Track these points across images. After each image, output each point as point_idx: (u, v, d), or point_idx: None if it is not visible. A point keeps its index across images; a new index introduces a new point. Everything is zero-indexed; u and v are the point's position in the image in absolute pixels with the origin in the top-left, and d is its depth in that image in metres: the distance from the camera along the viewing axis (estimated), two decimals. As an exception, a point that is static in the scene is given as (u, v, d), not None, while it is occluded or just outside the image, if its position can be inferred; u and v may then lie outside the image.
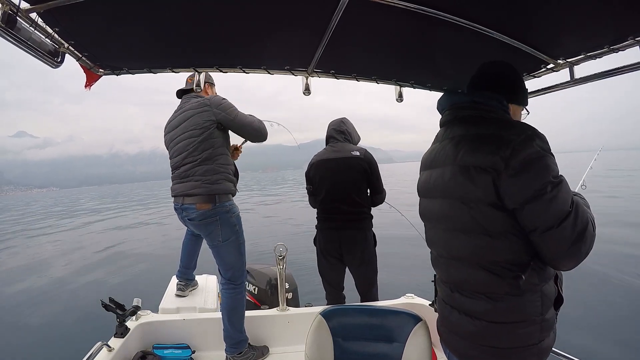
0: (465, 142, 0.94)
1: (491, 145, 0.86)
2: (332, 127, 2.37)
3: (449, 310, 1.01)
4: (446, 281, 1.02)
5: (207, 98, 1.89)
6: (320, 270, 2.37)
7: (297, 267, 4.74)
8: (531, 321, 0.88)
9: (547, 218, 0.81)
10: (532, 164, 0.81)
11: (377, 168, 2.26)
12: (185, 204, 1.84)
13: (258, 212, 14.35)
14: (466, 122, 0.98)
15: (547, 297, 0.90)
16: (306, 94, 1.59)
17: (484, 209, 0.87)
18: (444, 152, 1.00)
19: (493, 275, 0.88)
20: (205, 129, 1.83)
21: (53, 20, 0.96)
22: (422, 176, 1.11)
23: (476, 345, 0.94)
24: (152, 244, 9.40)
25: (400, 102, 1.80)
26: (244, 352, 1.91)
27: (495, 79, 1.02)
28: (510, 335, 0.89)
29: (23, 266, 7.95)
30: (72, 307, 4.85)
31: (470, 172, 0.89)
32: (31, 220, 20.28)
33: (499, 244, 0.87)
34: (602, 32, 1.13)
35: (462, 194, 0.91)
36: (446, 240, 1.00)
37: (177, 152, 1.89)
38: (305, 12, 1.08)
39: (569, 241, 0.81)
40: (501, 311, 0.89)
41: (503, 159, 0.83)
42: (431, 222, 1.07)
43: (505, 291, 0.88)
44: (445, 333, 1.05)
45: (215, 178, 1.82)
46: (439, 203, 1.00)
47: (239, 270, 1.92)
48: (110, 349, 1.68)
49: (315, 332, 1.27)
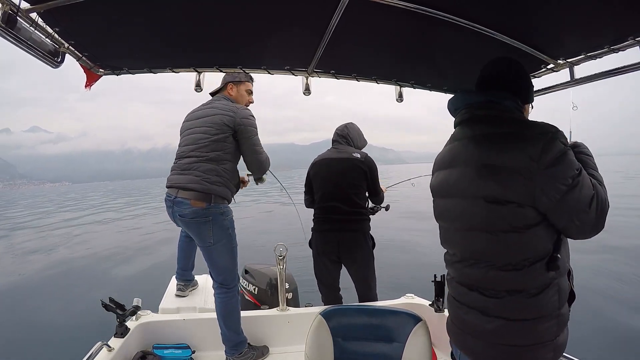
0: (488, 141, 0.94)
1: (518, 144, 0.88)
2: (336, 131, 2.42)
3: (465, 310, 0.99)
4: (463, 281, 1.01)
5: (238, 107, 1.87)
6: (316, 272, 2.34)
7: (297, 267, 4.74)
8: (549, 317, 0.89)
9: (580, 205, 0.86)
10: (561, 160, 0.85)
11: (376, 172, 2.29)
12: (178, 197, 1.79)
13: (259, 212, 14.36)
14: (485, 121, 0.98)
15: (563, 292, 0.91)
16: (306, 94, 1.60)
17: (511, 207, 0.88)
18: (465, 151, 0.99)
19: (518, 271, 0.89)
20: (221, 131, 1.80)
21: (53, 20, 0.96)
22: (439, 176, 1.08)
23: (494, 345, 0.93)
24: (152, 243, 9.40)
25: (401, 102, 1.81)
26: (244, 353, 1.90)
27: (511, 80, 1.01)
28: (529, 332, 0.90)
29: (23, 265, 7.95)
30: (72, 307, 4.85)
31: (496, 171, 0.90)
32: (33, 214, 20.30)
33: (526, 240, 0.89)
34: (602, 32, 1.13)
35: (487, 193, 0.91)
36: (466, 240, 0.99)
37: (187, 143, 1.87)
38: (305, 12, 1.08)
39: (594, 219, 0.87)
40: (522, 308, 0.89)
41: (533, 158, 0.85)
42: (448, 222, 1.06)
43: (528, 287, 0.89)
44: (458, 334, 1.03)
45: (215, 179, 1.80)
46: (459, 203, 0.99)
47: (230, 273, 1.88)
48: (110, 349, 1.68)
49: (315, 332, 1.27)
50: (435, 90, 1.77)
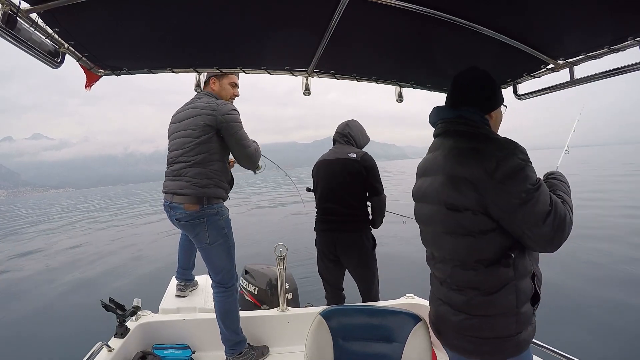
0: (453, 154, 1.04)
1: (477, 158, 0.97)
2: (337, 129, 2.39)
3: (439, 303, 1.12)
4: (437, 276, 1.13)
5: (218, 103, 1.84)
6: (319, 270, 2.38)
7: (297, 267, 4.74)
8: (507, 314, 0.98)
9: (533, 219, 0.92)
10: (514, 175, 0.92)
11: (376, 170, 2.22)
12: (173, 203, 1.81)
13: (261, 212, 14.35)
14: (455, 135, 1.09)
15: (523, 293, 0.98)
16: (306, 94, 1.59)
17: (467, 214, 0.98)
18: (436, 162, 1.10)
19: (476, 271, 0.99)
20: (204, 132, 1.79)
21: (53, 20, 0.96)
22: (417, 182, 1.22)
23: (461, 336, 1.04)
24: (152, 242, 9.40)
25: (400, 102, 1.80)
26: (243, 353, 1.90)
27: (472, 94, 1.10)
28: (489, 328, 0.99)
29: (23, 265, 7.95)
30: (72, 307, 4.85)
31: (456, 182, 1.00)
32: (34, 219, 20.29)
33: (482, 243, 0.98)
34: (602, 32, 1.13)
35: (448, 201, 1.02)
36: (435, 241, 1.12)
37: (174, 147, 1.87)
38: (305, 12, 1.08)
39: (552, 233, 0.93)
40: (480, 305, 0.99)
41: (488, 171, 0.93)
42: (423, 225, 1.19)
43: (485, 286, 0.98)
44: (435, 324, 1.15)
45: (205, 182, 1.80)
46: (429, 208, 1.11)
47: (228, 273, 1.89)
48: (110, 349, 1.68)
49: (315, 332, 1.27)
50: (435, 90, 1.77)
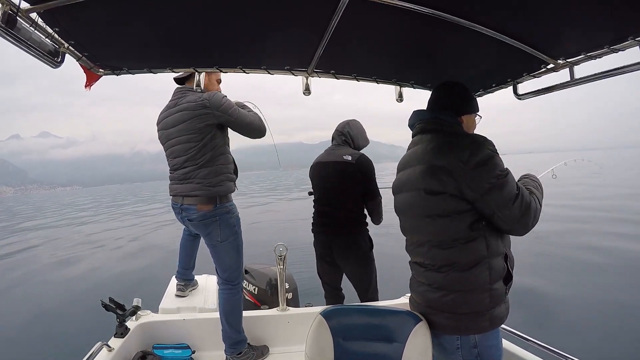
0: (431, 147, 1.20)
1: (453, 150, 1.12)
2: (337, 128, 2.34)
3: (419, 284, 1.24)
4: (417, 260, 1.25)
5: (206, 97, 1.78)
6: (317, 271, 2.38)
7: (297, 267, 4.74)
8: (480, 289, 1.10)
9: (502, 201, 1.07)
10: (485, 163, 1.08)
11: (371, 173, 2.17)
12: (185, 204, 1.83)
13: (261, 212, 14.35)
14: (432, 132, 1.25)
15: (495, 271, 1.11)
16: (306, 94, 1.59)
17: (444, 196, 1.11)
18: (415, 155, 1.25)
19: (452, 249, 1.12)
20: (206, 134, 1.78)
21: (53, 20, 0.96)
22: (397, 176, 1.34)
23: (438, 312, 1.16)
24: (152, 242, 9.40)
25: (400, 102, 1.80)
26: (243, 352, 1.91)
27: (448, 100, 1.28)
28: (465, 302, 1.11)
29: (22, 265, 7.94)
30: (72, 307, 4.85)
31: (434, 170, 1.14)
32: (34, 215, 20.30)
33: (457, 223, 1.11)
34: (602, 32, 1.13)
35: (427, 187, 1.15)
36: (414, 226, 1.25)
37: (176, 154, 1.85)
38: (305, 12, 1.08)
39: (518, 215, 1.08)
40: (457, 280, 1.11)
41: (462, 160, 1.09)
42: (402, 214, 1.31)
43: (460, 262, 1.10)
44: (416, 305, 1.26)
45: (217, 180, 1.81)
46: (408, 195, 1.24)
47: (236, 270, 1.91)
48: (110, 349, 1.68)
49: (316, 332, 1.27)
50: (435, 90, 1.76)
